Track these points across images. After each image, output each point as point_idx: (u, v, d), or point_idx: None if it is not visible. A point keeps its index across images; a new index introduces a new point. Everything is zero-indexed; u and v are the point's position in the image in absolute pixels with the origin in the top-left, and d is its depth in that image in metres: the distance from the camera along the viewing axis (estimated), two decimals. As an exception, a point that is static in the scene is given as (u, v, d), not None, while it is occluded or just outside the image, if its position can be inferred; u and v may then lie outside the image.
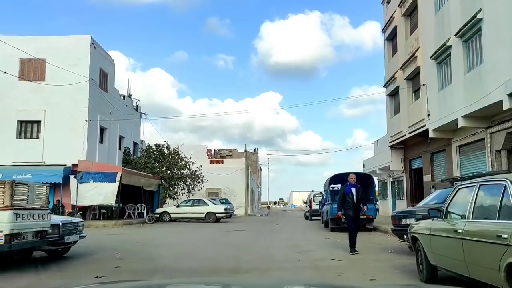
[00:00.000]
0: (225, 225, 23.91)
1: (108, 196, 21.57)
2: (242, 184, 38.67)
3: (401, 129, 23.26)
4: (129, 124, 30.49)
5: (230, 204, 33.80)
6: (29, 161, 22.55)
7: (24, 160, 22.57)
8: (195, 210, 26.38)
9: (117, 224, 21.49)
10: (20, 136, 23.35)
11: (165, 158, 29.59)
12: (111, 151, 27.05)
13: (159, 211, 26.76)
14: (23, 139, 23.35)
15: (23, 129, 23.54)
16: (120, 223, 21.70)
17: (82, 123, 23.28)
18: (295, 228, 21.49)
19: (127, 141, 30.03)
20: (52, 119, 23.25)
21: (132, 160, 29.63)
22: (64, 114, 23.30)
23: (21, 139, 23.32)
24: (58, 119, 23.27)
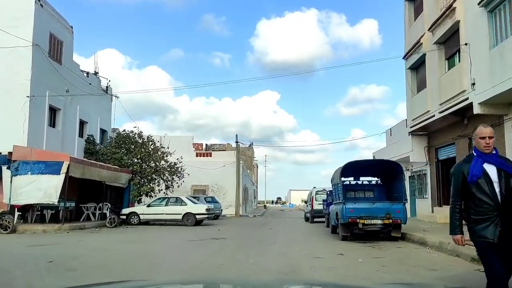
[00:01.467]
0: (205, 229, 18.97)
1: (49, 192, 16.57)
2: (233, 181, 33.73)
3: (428, 109, 18.30)
4: (95, 107, 25.48)
5: (217, 203, 28.86)
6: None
7: None
8: (170, 210, 21.43)
9: (62, 229, 16.51)
10: None
11: (137, 147, 24.56)
12: (68, 138, 22.03)
13: (126, 211, 21.77)
14: None
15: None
16: (66, 227, 16.71)
17: (22, 100, 18.26)
18: (293, 234, 16.53)
19: (92, 128, 25.01)
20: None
21: (98, 150, 24.62)
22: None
23: None
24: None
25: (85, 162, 18.64)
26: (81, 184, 21.86)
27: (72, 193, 21.06)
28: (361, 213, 12.53)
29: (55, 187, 16.63)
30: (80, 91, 23.17)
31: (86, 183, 21.15)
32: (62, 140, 21.22)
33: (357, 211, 12.54)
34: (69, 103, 22.06)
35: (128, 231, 17.83)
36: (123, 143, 24.83)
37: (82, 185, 21.98)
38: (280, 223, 24.72)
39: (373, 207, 12.60)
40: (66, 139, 21.74)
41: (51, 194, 16.56)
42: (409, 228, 13.80)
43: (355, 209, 12.57)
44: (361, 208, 12.58)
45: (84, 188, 22.17)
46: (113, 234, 16.13)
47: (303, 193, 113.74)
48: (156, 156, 24.98)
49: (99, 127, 26.08)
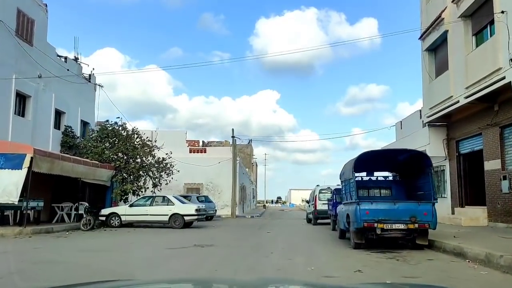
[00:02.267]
0: (193, 233, 16.53)
1: (8, 190, 14.13)
2: (229, 179, 31.26)
3: (451, 94, 15.84)
4: (75, 96, 22.99)
5: (210, 203, 26.43)
6: None
7: None
8: (156, 210, 18.97)
9: (24, 232, 14.06)
10: None
11: (121, 141, 22.07)
12: (40, 129, 19.55)
13: (106, 212, 19.30)
14: None
15: None
16: (29, 231, 14.24)
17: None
18: (294, 239, 14.07)
19: (71, 119, 22.53)
20: None
21: (78, 144, 22.15)
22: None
23: None
24: None
25: (54, 156, 16.17)
26: (56, 181, 19.44)
27: (43, 191, 18.66)
28: (379, 215, 10.07)
29: (15, 184, 14.18)
30: (57, 79, 20.71)
31: (62, 180, 18.73)
32: (32, 132, 18.75)
33: (374, 213, 10.08)
34: (42, 90, 19.58)
35: (103, 235, 15.37)
36: (107, 136, 22.34)
37: (58, 182, 19.56)
38: (280, 225, 22.26)
39: (395, 208, 10.13)
40: (38, 131, 19.27)
41: (11, 192, 14.12)
42: (434, 234, 11.31)
43: (372, 210, 10.12)
44: (380, 210, 10.13)
45: (60, 186, 19.75)
46: (82, 240, 13.67)
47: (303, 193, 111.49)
48: (142, 151, 22.50)
49: (80, 119, 23.61)
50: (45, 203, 18.84)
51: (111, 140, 22.44)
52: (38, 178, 18.11)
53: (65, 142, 21.42)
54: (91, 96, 25.12)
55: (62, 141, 21.40)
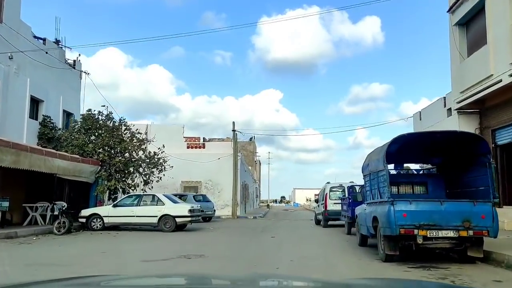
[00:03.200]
0: (185, 237, 14.07)
1: None
2: (229, 176, 28.76)
3: (491, 73, 13.26)
4: (56, 83, 20.53)
5: (208, 203, 23.97)
6: None
7: None
8: (144, 211, 16.51)
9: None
10: None
11: (107, 132, 19.59)
12: (12, 118, 17.10)
13: (86, 213, 16.86)
14: None
15: None
16: (-16, 237, 11.80)
17: None
18: (304, 247, 11.54)
19: (50, 108, 20.07)
20: None
21: (59, 136, 19.69)
22: None
23: None
24: None
25: (20, 147, 13.71)
26: (30, 178, 17.00)
27: (13, 189, 16.25)
28: (421, 219, 7.55)
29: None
30: (33, 62, 18.27)
31: (38, 177, 16.28)
32: (1, 121, 16.29)
33: (414, 216, 7.57)
34: (13, 74, 17.13)
35: (75, 241, 12.91)
36: (90, 127, 19.86)
37: (32, 179, 17.12)
38: (285, 227, 19.73)
39: (441, 210, 7.60)
40: (8, 120, 16.81)
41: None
42: (495, 244, 8.69)
43: (411, 213, 7.60)
44: (422, 212, 7.61)
45: (35, 183, 17.30)
46: (46, 247, 11.22)
47: (307, 192, 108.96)
48: (131, 144, 20.03)
49: (62, 109, 21.14)
50: (17, 203, 16.47)
51: (96, 132, 19.98)
52: (6, 174, 15.75)
53: (43, 133, 18.96)
54: (75, 84, 22.67)
55: (39, 133, 18.95)
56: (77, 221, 16.80)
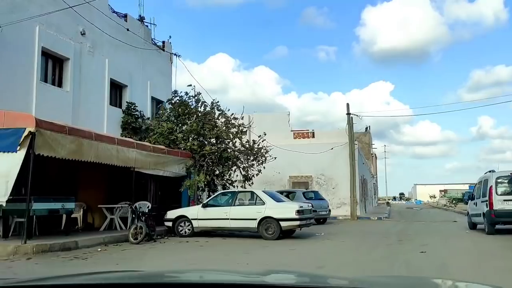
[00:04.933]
0: (289, 251, 9.94)
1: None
2: (345, 169, 24.04)
3: None
4: (142, 67, 17.98)
5: (322, 201, 19.73)
6: None
7: None
8: (239, 213, 12.83)
9: (21, 251, 8.85)
10: None
11: (198, 118, 16.39)
12: (87, 105, 14.67)
13: (172, 215, 13.72)
14: None
15: None
16: (30, 248, 8.98)
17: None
18: (491, 272, 6.61)
19: (137, 95, 17.53)
20: None
21: (148, 126, 17.04)
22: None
23: None
24: None
25: (82, 133, 10.84)
26: (112, 173, 14.41)
27: (91, 187, 13.83)
28: None
29: (5, 175, 9.03)
30: (109, 39, 15.77)
31: (121, 172, 13.56)
32: (73, 107, 13.88)
33: None
34: (87, 53, 14.70)
35: (146, 255, 9.62)
36: (182, 114, 16.85)
37: (114, 175, 14.50)
38: (428, 234, 14.52)
39: None
40: (84, 107, 14.39)
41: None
42: None
43: None
44: None
45: (118, 180, 14.65)
46: (102, 265, 7.96)
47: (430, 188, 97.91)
48: (225, 132, 16.57)
49: (150, 95, 18.55)
50: (99, 203, 13.98)
51: (187, 119, 16.93)
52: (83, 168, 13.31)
53: (126, 123, 16.41)
54: (165, 68, 20.04)
55: (123, 122, 16.43)
56: (163, 224, 13.80)
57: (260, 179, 18.42)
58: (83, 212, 14.34)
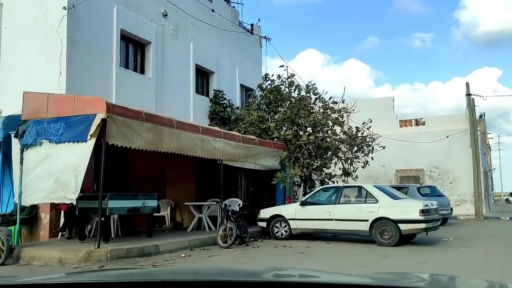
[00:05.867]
0: (415, 259, 7.44)
1: (63, 179, 7.88)
2: (464, 161, 20.39)
3: None
4: (230, 51, 16.48)
5: (442, 198, 16.61)
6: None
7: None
8: (345, 212, 10.58)
9: (93, 257, 7.58)
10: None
11: (293, 104, 14.41)
12: (171, 92, 13.42)
13: (265, 214, 11.89)
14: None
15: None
16: (104, 254, 7.67)
17: (57, 15, 10.21)
18: None
19: (224, 82, 16.06)
20: (14, 19, 10.89)
21: (237, 116, 15.51)
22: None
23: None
24: (25, 17, 10.77)
25: (161, 120, 9.40)
26: (201, 167, 13.03)
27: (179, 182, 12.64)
28: None
29: (74, 168, 7.82)
30: (194, 21, 14.42)
31: (211, 165, 12.11)
32: (156, 96, 12.67)
33: None
34: (170, 36, 13.45)
35: (238, 263, 7.84)
36: (273, 101, 15.03)
37: (203, 169, 13.10)
38: None
39: None
40: (167, 95, 13.16)
41: (66, 182, 7.82)
42: None
43: None
44: None
45: (208, 174, 13.21)
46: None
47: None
48: (323, 118, 14.35)
49: (239, 83, 16.98)
50: (188, 201, 12.64)
51: (279, 107, 15.07)
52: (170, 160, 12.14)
53: (214, 112, 14.97)
54: (254, 53, 18.37)
55: (210, 112, 15.02)
56: (255, 225, 12.05)
57: (361, 174, 15.87)
58: (171, 210, 13.19)
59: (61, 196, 7.81)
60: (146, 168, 12.32)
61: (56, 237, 9.86)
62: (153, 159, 12.07)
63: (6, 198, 10.27)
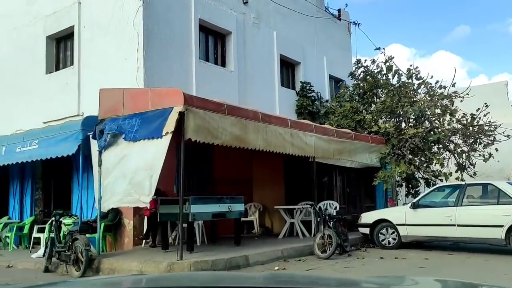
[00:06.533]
0: None
1: (137, 180, 7.01)
2: None
3: None
4: (315, 40, 15.05)
5: None
6: (57, 114, 10.49)
7: (49, 115, 10.69)
8: (470, 217, 8.59)
9: (175, 267, 6.59)
10: (50, 69, 11.47)
11: (391, 93, 12.58)
12: (255, 86, 12.30)
13: (368, 219, 10.24)
14: (54, 73, 11.38)
15: (55, 50, 11.59)
16: (190, 266, 6.66)
17: (133, 6, 9.56)
18: None
19: (311, 73, 14.64)
20: (91, 18, 10.48)
21: (327, 110, 14.03)
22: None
23: (52, 73, 11.39)
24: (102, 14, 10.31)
25: (245, 113, 8.24)
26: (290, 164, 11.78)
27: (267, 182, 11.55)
28: None
29: (148, 168, 6.93)
30: (276, 7, 13.22)
31: (300, 163, 10.87)
32: (239, 90, 11.62)
33: None
34: (251, 25, 12.37)
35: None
36: (368, 91, 13.33)
37: (293, 167, 11.84)
38: None
39: None
40: (251, 90, 12.07)
41: (140, 184, 6.96)
42: None
43: None
44: None
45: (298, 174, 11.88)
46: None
47: None
48: (430, 105, 12.30)
49: (327, 74, 15.43)
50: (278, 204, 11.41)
51: (375, 96, 13.33)
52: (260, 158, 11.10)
53: (301, 106, 13.59)
54: (343, 41, 16.71)
55: (297, 106, 13.67)
56: (357, 230, 10.46)
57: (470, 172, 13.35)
58: (259, 214, 12.05)
59: (135, 199, 6.96)
60: (231, 168, 11.34)
61: (140, 245, 9.18)
62: (238, 158, 11.07)
63: (91, 204, 9.81)
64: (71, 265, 7.36)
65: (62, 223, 8.99)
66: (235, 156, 10.74)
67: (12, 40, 12.17)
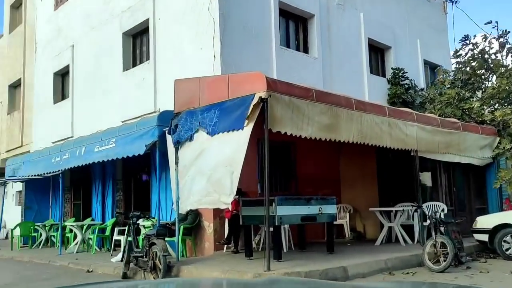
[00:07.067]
0: None
1: (216, 177, 6.14)
2: None
3: None
4: (408, 21, 13.42)
5: None
6: (135, 112, 10.11)
7: (127, 113, 10.34)
8: None
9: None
10: (127, 66, 11.10)
11: (506, 75, 10.64)
12: (341, 74, 11.03)
13: (486, 223, 8.53)
14: (131, 70, 11.00)
15: (131, 47, 11.20)
16: (282, 272, 5.68)
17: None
18: None
19: (403, 59, 13.02)
20: (166, 8, 9.94)
21: (423, 100, 12.40)
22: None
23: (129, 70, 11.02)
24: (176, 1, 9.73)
25: (336, 99, 7.07)
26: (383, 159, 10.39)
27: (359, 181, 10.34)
28: None
29: (228, 163, 6.04)
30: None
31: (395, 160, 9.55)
32: (324, 78, 10.43)
33: None
34: (336, 6, 11.15)
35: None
36: (474, 76, 11.50)
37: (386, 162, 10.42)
38: None
39: None
40: (336, 77, 10.83)
41: (220, 181, 6.09)
42: None
43: None
44: None
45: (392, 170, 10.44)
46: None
47: None
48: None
49: (422, 59, 13.69)
50: (366, 205, 10.09)
51: (484, 81, 11.45)
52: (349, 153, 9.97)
53: (394, 95, 12.05)
54: (438, 22, 14.82)
55: (389, 95, 12.16)
56: (468, 236, 8.80)
57: None
58: (349, 217, 10.76)
59: (215, 199, 6.12)
60: (315, 166, 10.25)
61: (222, 250, 8.38)
62: (322, 153, 9.95)
63: (170, 205, 9.23)
64: (149, 272, 6.71)
65: (141, 226, 8.51)
66: (320, 151, 9.66)
67: (91, 40, 12.12)
